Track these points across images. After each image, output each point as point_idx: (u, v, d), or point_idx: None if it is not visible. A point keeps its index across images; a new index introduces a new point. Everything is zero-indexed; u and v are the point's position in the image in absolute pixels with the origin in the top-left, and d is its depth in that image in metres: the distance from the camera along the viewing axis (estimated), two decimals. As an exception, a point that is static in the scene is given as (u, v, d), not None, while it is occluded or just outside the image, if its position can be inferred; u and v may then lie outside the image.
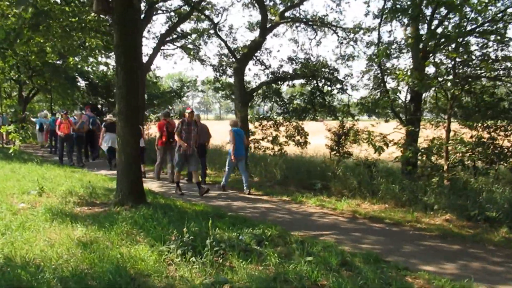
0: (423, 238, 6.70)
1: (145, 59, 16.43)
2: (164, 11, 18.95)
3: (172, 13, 18.80)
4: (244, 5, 16.82)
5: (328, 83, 15.66)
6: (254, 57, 15.11)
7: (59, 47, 11.10)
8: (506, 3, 10.20)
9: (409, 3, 9.34)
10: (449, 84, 10.28)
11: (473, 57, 9.91)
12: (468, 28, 9.87)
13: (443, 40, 9.43)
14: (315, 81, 15.69)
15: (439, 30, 10.64)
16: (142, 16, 14.60)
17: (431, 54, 11.23)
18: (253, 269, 4.79)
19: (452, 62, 10.44)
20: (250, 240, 5.80)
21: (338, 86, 15.86)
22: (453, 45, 10.01)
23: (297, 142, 16.19)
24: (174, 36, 19.33)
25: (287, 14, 15.36)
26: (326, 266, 4.89)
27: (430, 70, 11.37)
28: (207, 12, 16.63)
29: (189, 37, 19.25)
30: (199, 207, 8.17)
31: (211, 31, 17.11)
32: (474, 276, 4.92)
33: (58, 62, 24.98)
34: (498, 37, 10.21)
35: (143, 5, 14.57)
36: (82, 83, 25.69)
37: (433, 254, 5.88)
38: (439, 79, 9.75)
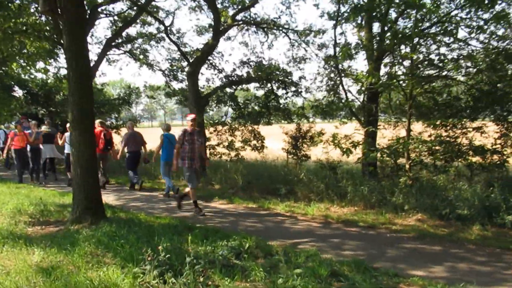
0: (402, 240, 6.58)
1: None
2: (107, 15, 18.11)
3: (116, 17, 18.02)
4: (191, 8, 16.35)
5: (283, 86, 15.50)
6: (207, 61, 14.68)
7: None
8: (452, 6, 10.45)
9: (366, 2, 9.29)
10: (406, 83, 10.37)
11: (431, 57, 10.03)
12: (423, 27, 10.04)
13: (400, 39, 9.44)
14: (269, 84, 15.48)
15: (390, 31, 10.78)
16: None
17: (385, 55, 11.35)
18: (240, 286, 4.42)
19: (409, 62, 10.57)
20: (228, 253, 5.41)
21: (293, 89, 15.73)
22: (410, 45, 10.15)
23: (253, 147, 15.91)
24: (120, 40, 18.52)
25: (238, 17, 15.07)
26: (316, 278, 4.59)
27: (383, 71, 11.49)
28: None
29: (135, 41, 18.49)
30: (164, 220, 7.66)
31: (162, 34, 16.48)
32: (464, 278, 4.81)
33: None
34: (451, 38, 10.44)
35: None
36: (19, 92, 24.17)
37: (417, 257, 5.74)
38: (402, 78, 9.77)
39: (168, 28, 14.56)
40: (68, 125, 14.06)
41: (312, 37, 16.43)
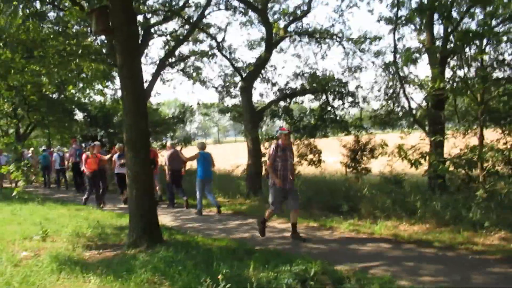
0: (488, 264, 5.82)
1: (145, 85, 15.70)
2: (160, 35, 18.37)
3: (169, 37, 18.25)
4: (242, 23, 16.20)
5: (339, 97, 14.91)
6: (260, 75, 14.39)
7: (56, 77, 10.34)
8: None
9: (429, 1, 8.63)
10: (477, 87, 9.54)
11: (505, 57, 9.19)
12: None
13: (470, 39, 8.68)
14: (324, 96, 14.94)
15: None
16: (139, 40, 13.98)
17: (450, 57, 10.57)
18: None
19: (478, 64, 9.76)
20: (293, 280, 4.94)
21: (349, 99, 15.11)
22: (478, 45, 9.37)
23: (310, 161, 15.39)
24: (173, 60, 18.70)
25: (290, 28, 14.72)
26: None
27: (448, 74, 10.71)
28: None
29: (188, 59, 18.60)
30: (222, 242, 7.29)
31: (214, 51, 16.40)
32: None
33: (54, 95, 24.44)
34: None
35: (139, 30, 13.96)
36: (79, 115, 25.05)
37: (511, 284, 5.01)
38: (473, 81, 8.97)
39: (220, 43, 14.42)
40: (116, 146, 14.03)
41: (367, 45, 15.81)
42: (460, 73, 9.78)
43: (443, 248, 6.67)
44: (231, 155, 25.89)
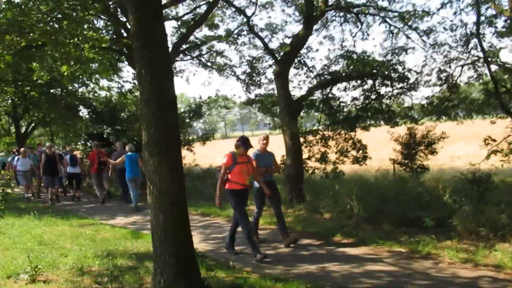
0: None
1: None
2: (171, 19, 16.15)
3: (180, 22, 16.05)
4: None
5: (388, 83, 12.58)
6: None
7: (50, 61, 8.11)
8: None
9: None
10: None
11: None
12: None
13: None
14: (371, 82, 12.62)
15: None
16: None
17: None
18: None
19: None
20: None
21: (399, 85, 12.80)
22: None
23: (354, 159, 13.17)
24: (186, 46, 16.44)
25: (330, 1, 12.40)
26: None
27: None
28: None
29: (205, 45, 16.32)
30: (289, 286, 5.04)
31: (242, 28, 14.05)
32: None
33: (55, 91, 22.36)
34: None
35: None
36: (84, 111, 22.94)
37: None
38: None
39: (250, 19, 12.03)
40: (117, 144, 13.36)
41: (417, 21, 13.53)
42: None
43: None
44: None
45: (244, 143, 6.61)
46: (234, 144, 6.75)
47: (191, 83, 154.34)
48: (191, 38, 16.13)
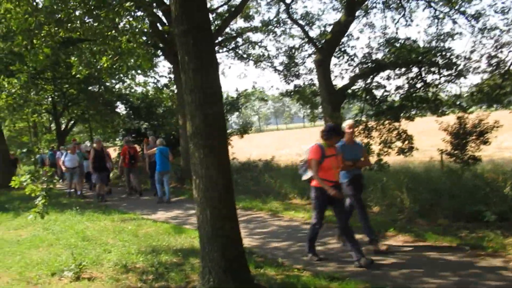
0: None
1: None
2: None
3: (214, 14, 15.79)
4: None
5: (435, 70, 11.94)
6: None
7: (88, 55, 7.97)
8: None
9: None
10: None
11: None
12: None
13: None
14: (417, 69, 12.02)
15: None
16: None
17: None
18: None
19: None
20: None
21: (447, 72, 12.14)
22: None
23: (399, 150, 12.62)
24: (222, 38, 16.18)
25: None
26: None
27: None
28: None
29: (241, 36, 16.03)
30: (346, 286, 4.68)
31: (283, 16, 13.63)
32: None
33: (93, 88, 22.64)
34: None
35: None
36: (121, 107, 23.17)
37: None
38: None
39: (290, 5, 11.59)
40: (150, 138, 13.35)
41: (466, 4, 12.81)
42: None
43: None
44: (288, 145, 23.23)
45: (335, 131, 5.61)
46: (320, 135, 5.69)
47: (227, 76, 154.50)
48: (227, 30, 15.90)
